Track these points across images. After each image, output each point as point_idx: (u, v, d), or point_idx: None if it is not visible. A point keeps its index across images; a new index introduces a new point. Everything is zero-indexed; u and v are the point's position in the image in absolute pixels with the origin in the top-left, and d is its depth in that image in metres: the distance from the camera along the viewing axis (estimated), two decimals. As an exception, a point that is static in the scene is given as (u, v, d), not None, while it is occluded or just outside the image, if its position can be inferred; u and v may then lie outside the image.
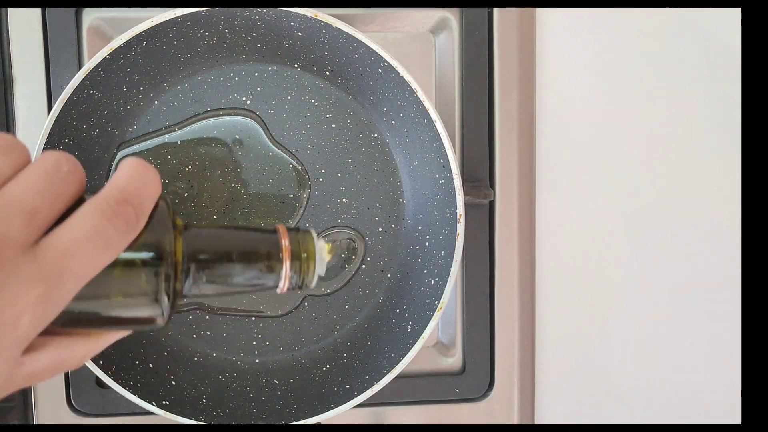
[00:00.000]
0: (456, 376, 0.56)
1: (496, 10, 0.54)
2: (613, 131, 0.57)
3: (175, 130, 0.50)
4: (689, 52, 0.57)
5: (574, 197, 0.57)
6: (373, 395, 0.47)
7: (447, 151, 0.46)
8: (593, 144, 0.57)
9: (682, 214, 0.58)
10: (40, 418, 0.53)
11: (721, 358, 0.59)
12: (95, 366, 0.46)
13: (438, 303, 0.47)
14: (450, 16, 0.54)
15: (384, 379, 0.47)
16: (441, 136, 0.46)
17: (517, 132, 0.55)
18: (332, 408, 0.47)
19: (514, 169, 0.55)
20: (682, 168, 0.58)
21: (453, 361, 0.56)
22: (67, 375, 0.53)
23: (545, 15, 0.55)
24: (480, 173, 0.54)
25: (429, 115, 0.46)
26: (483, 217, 0.55)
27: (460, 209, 0.47)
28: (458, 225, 0.47)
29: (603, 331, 0.59)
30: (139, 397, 0.46)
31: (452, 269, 0.47)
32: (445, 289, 0.47)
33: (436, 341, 0.56)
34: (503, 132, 0.54)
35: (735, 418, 0.59)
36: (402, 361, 0.47)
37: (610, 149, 0.57)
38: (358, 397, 0.47)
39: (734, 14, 0.57)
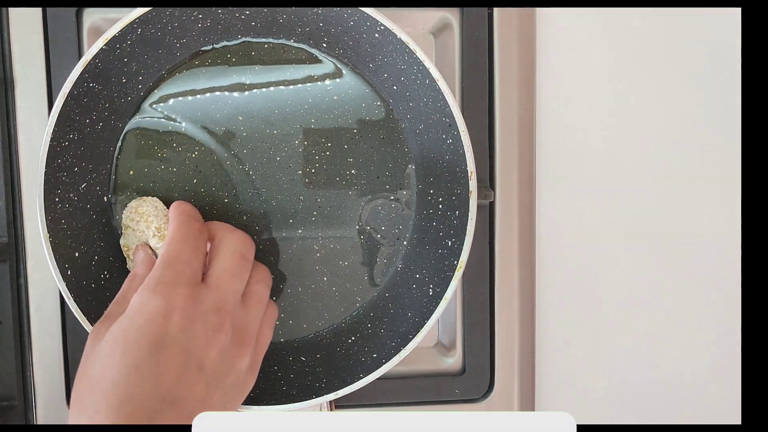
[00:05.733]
0: (456, 376, 0.56)
1: (496, 10, 0.54)
2: (613, 131, 0.57)
3: (177, 118, 0.50)
4: (689, 53, 0.57)
5: (574, 197, 0.57)
6: (373, 396, 0.47)
7: (452, 109, 0.45)
8: (593, 144, 0.57)
9: (682, 213, 0.58)
10: (40, 418, 0.53)
11: (721, 358, 0.59)
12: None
13: (457, 263, 0.47)
14: (450, 16, 0.54)
15: (410, 344, 0.47)
16: (444, 94, 0.45)
17: (517, 132, 0.55)
18: (362, 378, 0.47)
19: (514, 169, 0.55)
20: (682, 167, 0.58)
21: (453, 361, 0.56)
22: (67, 375, 0.53)
23: (545, 15, 0.55)
24: (480, 173, 0.54)
25: (430, 74, 0.45)
26: (483, 217, 0.55)
27: (471, 166, 0.46)
28: (470, 182, 0.46)
29: (603, 331, 0.59)
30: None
31: (468, 228, 0.46)
32: (463, 248, 0.46)
33: (436, 341, 0.56)
34: (503, 132, 0.54)
35: (735, 418, 0.59)
36: (426, 325, 0.47)
37: (610, 149, 0.57)
38: (387, 364, 0.47)
39: (734, 14, 0.57)
